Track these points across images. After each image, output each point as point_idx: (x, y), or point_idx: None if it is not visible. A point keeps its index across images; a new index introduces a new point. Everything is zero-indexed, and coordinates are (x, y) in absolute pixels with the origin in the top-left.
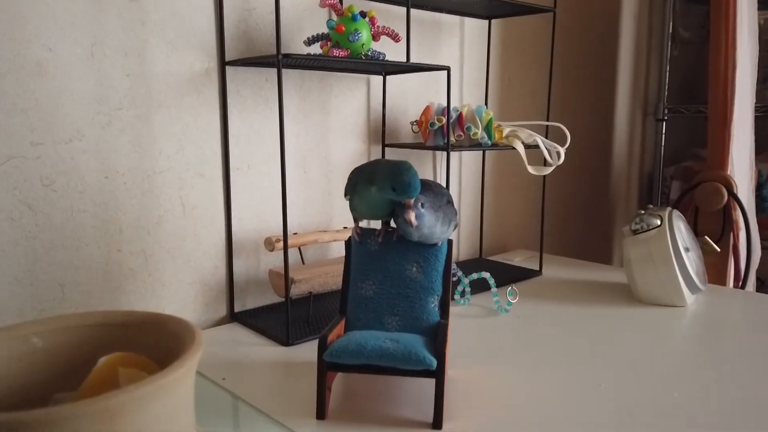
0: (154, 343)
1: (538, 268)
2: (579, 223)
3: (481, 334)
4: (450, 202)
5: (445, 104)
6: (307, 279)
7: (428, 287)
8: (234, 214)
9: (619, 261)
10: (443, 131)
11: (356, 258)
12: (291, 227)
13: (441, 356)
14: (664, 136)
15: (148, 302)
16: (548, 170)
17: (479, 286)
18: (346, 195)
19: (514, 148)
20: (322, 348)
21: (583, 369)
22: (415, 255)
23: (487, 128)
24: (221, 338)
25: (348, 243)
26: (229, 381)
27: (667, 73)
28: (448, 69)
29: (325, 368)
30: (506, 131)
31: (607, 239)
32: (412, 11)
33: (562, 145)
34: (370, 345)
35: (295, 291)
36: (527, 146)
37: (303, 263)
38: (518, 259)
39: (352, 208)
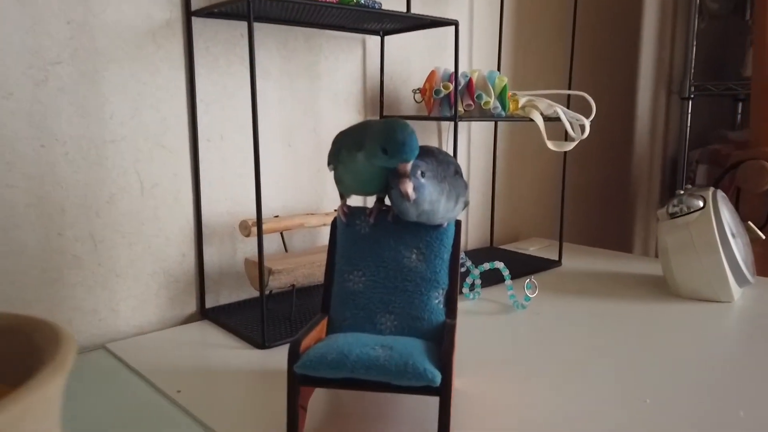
0: (12, 355)
1: (557, 258)
2: (597, 209)
3: (494, 334)
4: (458, 173)
5: (453, 69)
6: (289, 269)
7: (431, 279)
8: (204, 193)
9: (640, 249)
10: (450, 100)
11: (343, 243)
12: (273, 209)
13: (447, 368)
14: (689, 116)
15: (98, 296)
16: (570, 146)
17: (491, 279)
18: (330, 164)
19: (531, 120)
20: (293, 357)
21: (619, 379)
22: (415, 239)
23: (501, 97)
24: (186, 339)
25: (333, 225)
26: (184, 393)
27: (694, 48)
28: (455, 24)
29: (298, 383)
30: (522, 101)
31: (627, 226)
32: None
33: (586, 118)
34: (354, 353)
35: (275, 284)
36: (546, 118)
37: (286, 251)
38: (534, 248)
39: (338, 181)
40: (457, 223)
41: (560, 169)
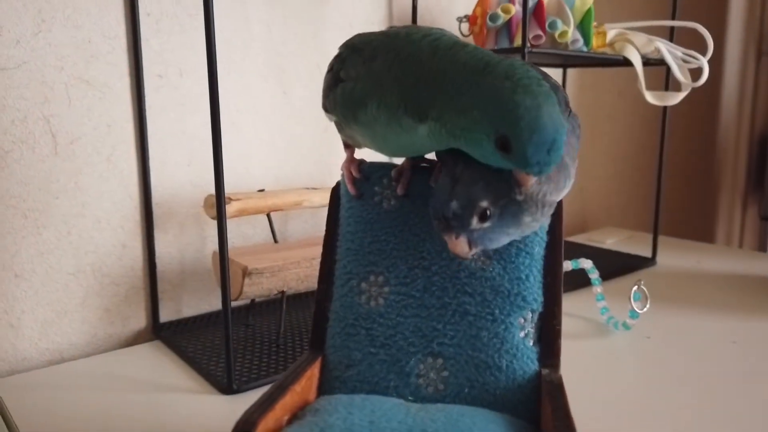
0: None
1: (650, 255)
2: (676, 192)
3: (588, 371)
4: (568, 107)
5: None
6: (276, 269)
7: (511, 293)
8: (154, 154)
9: (723, 239)
10: (511, 28)
11: (351, 227)
12: (260, 181)
13: None
14: None
15: None
16: (677, 97)
17: (567, 282)
18: (326, 111)
19: (623, 61)
20: None
21: None
22: None
23: (583, 26)
24: (127, 371)
25: (333, 197)
26: None
27: None
28: None
29: None
30: (611, 34)
31: (708, 213)
32: None
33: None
34: None
35: (253, 290)
36: (646, 60)
37: (275, 241)
38: (611, 241)
39: (347, 135)
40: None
41: (642, 138)
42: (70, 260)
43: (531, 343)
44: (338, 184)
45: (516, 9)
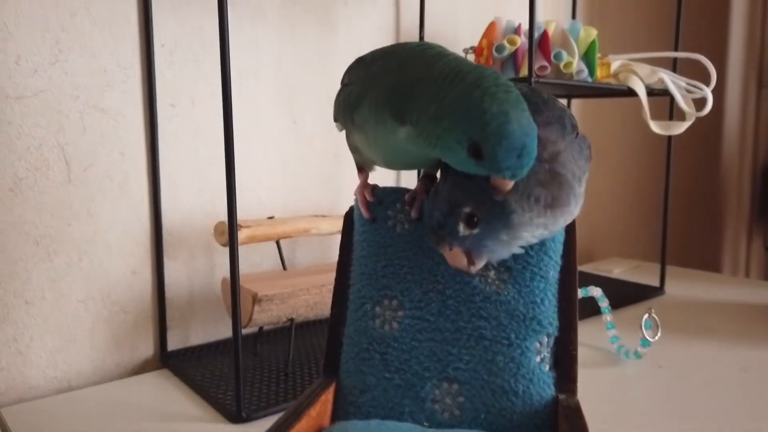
0: None
1: (658, 284)
2: (680, 221)
3: (600, 400)
4: (576, 128)
5: (516, 22)
6: (285, 296)
7: (527, 317)
8: (166, 182)
9: (730, 269)
10: (517, 59)
11: (365, 251)
12: (269, 208)
13: None
14: None
15: None
16: (682, 127)
17: (578, 311)
18: (336, 122)
19: (627, 92)
20: None
21: None
22: None
23: (588, 57)
24: (134, 399)
25: (347, 221)
26: None
27: None
28: None
29: None
30: (616, 65)
31: (714, 242)
32: None
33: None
34: None
35: (263, 317)
36: (650, 90)
37: (284, 269)
38: (618, 271)
39: (353, 147)
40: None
41: (646, 168)
42: (80, 287)
43: (547, 368)
44: (351, 208)
45: (521, 40)
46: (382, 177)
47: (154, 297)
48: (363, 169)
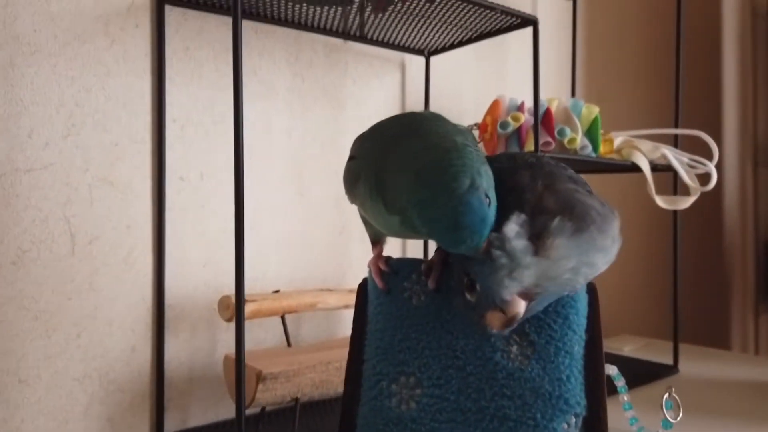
0: None
1: (671, 362)
2: (687, 298)
3: None
4: (590, 191)
5: (519, 100)
6: (290, 374)
7: (553, 395)
8: (171, 256)
9: (739, 346)
10: (521, 135)
11: (380, 325)
12: (274, 282)
13: None
14: None
15: None
16: (687, 201)
17: None
18: (347, 195)
19: (631, 167)
20: None
21: None
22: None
23: (591, 133)
24: None
25: (361, 292)
26: None
27: None
28: (534, 22)
29: None
30: (618, 141)
31: (722, 318)
32: None
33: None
34: None
35: (266, 396)
36: (653, 165)
37: (289, 345)
38: (629, 349)
39: (363, 219)
40: (592, 289)
41: (651, 245)
42: (77, 365)
43: None
44: (365, 280)
45: (525, 117)
46: (395, 247)
47: (153, 375)
48: (377, 242)
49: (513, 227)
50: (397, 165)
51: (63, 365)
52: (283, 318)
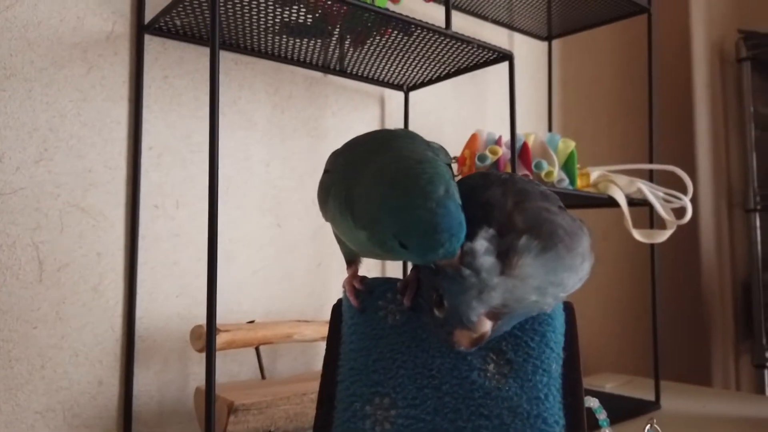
0: None
1: (653, 398)
2: (667, 335)
3: None
4: (562, 208)
5: (496, 134)
6: (263, 405)
7: (531, 414)
8: (142, 286)
9: (720, 382)
10: (499, 168)
11: (354, 345)
12: (250, 313)
13: None
14: (758, 231)
15: None
16: (664, 235)
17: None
18: (321, 207)
19: (608, 201)
20: None
21: None
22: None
23: (568, 167)
24: None
25: (335, 313)
26: None
27: (754, 154)
28: (509, 57)
29: None
30: (594, 175)
31: (702, 356)
32: None
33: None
34: None
35: (239, 429)
36: (630, 200)
37: (263, 377)
38: (611, 386)
39: (336, 237)
40: (568, 308)
41: (630, 281)
42: (40, 398)
43: None
44: (340, 300)
45: (503, 150)
46: (371, 267)
47: (120, 410)
48: (352, 261)
49: (482, 243)
50: (369, 178)
51: (25, 398)
52: (257, 349)
